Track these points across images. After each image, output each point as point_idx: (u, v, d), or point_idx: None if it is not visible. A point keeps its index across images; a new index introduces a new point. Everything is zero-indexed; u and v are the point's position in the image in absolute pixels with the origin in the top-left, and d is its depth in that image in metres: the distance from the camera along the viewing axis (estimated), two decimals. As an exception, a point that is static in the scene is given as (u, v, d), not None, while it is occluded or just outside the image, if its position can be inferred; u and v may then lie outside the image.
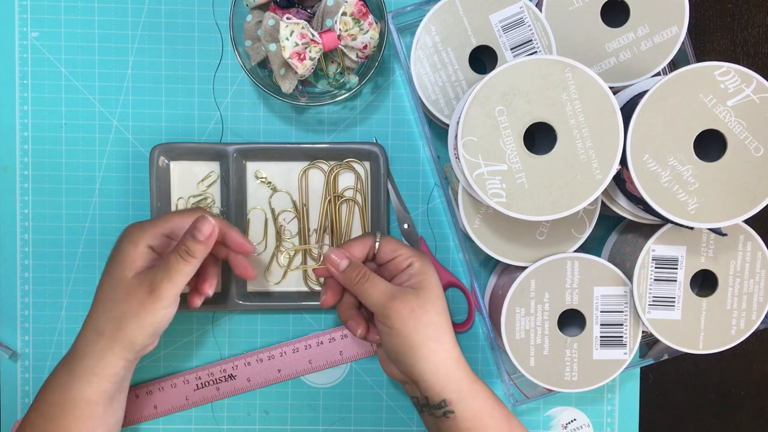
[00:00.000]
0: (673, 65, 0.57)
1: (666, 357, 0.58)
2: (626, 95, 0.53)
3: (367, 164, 0.61)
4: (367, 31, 0.55)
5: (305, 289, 0.62)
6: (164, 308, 0.49)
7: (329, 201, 0.61)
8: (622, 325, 0.54)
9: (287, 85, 0.56)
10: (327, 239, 0.62)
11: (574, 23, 0.54)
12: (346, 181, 0.62)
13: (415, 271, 0.52)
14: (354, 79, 0.58)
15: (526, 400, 0.58)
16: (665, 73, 0.51)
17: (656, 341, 0.59)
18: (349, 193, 0.62)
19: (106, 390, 0.51)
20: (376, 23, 0.55)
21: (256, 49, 0.57)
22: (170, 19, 0.61)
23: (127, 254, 0.50)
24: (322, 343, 0.62)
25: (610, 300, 0.54)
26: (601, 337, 0.54)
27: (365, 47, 0.55)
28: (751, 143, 0.47)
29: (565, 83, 0.47)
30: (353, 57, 0.56)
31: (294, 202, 0.62)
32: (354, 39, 0.55)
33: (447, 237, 0.63)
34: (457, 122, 0.49)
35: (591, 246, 0.62)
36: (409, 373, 0.51)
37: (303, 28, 0.53)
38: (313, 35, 0.53)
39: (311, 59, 0.54)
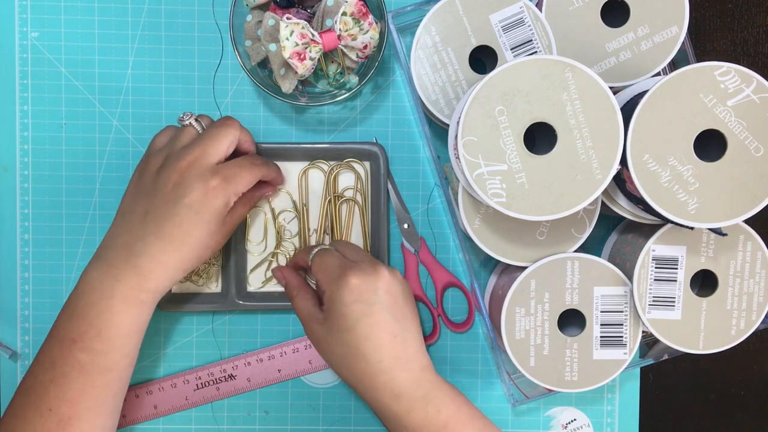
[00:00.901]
0: (673, 65, 0.57)
1: (666, 357, 0.58)
2: (626, 95, 0.53)
3: (367, 164, 0.61)
4: (367, 31, 0.55)
5: None
6: None
7: (329, 201, 0.61)
8: (622, 325, 0.54)
9: (287, 85, 0.56)
10: (327, 239, 0.62)
11: (574, 23, 0.54)
12: (346, 181, 0.62)
13: (325, 299, 0.53)
14: (354, 79, 0.58)
15: (526, 400, 0.58)
16: (665, 73, 0.51)
17: (656, 341, 0.59)
18: (349, 193, 0.62)
19: None
20: (376, 23, 0.55)
21: (256, 49, 0.57)
22: (170, 19, 0.61)
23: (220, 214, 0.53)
24: (322, 343, 0.62)
25: (610, 300, 0.54)
26: (601, 337, 0.54)
27: (365, 47, 0.55)
28: (751, 143, 0.47)
29: (565, 83, 0.47)
30: (353, 57, 0.56)
31: (294, 202, 0.62)
32: (354, 39, 0.55)
33: (447, 237, 0.63)
34: (457, 122, 0.49)
35: (591, 246, 0.62)
36: None
37: (303, 28, 0.53)
38: (313, 35, 0.54)
39: (311, 59, 0.54)
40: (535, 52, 0.54)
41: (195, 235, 0.51)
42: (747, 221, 0.51)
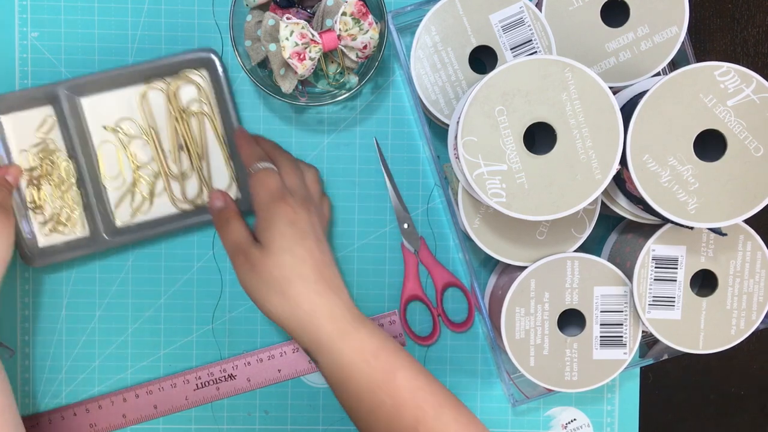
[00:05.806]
0: (673, 65, 0.57)
1: (666, 357, 0.58)
2: (626, 95, 0.53)
3: (205, 72, 0.60)
4: (367, 31, 0.55)
5: (175, 211, 0.61)
6: None
7: (176, 119, 0.60)
8: (622, 325, 0.54)
9: (287, 85, 0.56)
10: (184, 157, 0.60)
11: (574, 23, 0.54)
12: (188, 94, 0.60)
13: (257, 220, 0.52)
14: (354, 79, 0.58)
15: (526, 400, 0.58)
16: (665, 73, 0.51)
17: (656, 341, 0.59)
18: (195, 106, 0.60)
19: None
20: (376, 23, 0.55)
21: (256, 49, 0.57)
22: (170, 19, 0.61)
23: None
24: (322, 343, 0.62)
25: (610, 300, 0.54)
26: (601, 337, 0.54)
27: (365, 47, 0.55)
28: (751, 143, 0.47)
29: (565, 83, 0.47)
30: (353, 57, 0.56)
31: (141, 128, 0.60)
32: (354, 39, 0.55)
33: (447, 237, 0.63)
34: (457, 122, 0.49)
35: (591, 246, 0.62)
36: None
37: (303, 28, 0.53)
38: (313, 35, 0.54)
39: (311, 59, 0.54)
40: (535, 52, 0.54)
41: None
42: (747, 221, 0.51)
